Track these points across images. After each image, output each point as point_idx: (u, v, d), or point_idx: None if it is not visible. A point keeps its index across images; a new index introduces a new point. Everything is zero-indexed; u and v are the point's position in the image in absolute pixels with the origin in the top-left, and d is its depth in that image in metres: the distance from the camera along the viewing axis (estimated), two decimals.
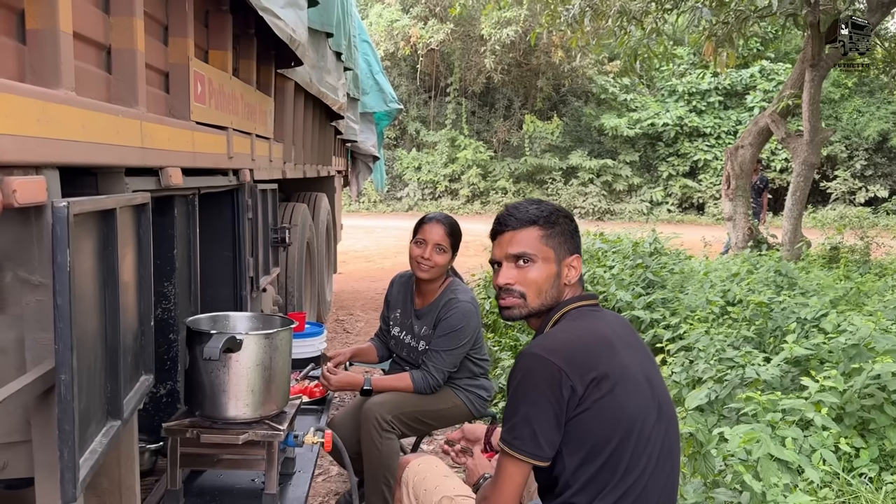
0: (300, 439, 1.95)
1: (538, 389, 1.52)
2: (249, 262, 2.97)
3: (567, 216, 1.75)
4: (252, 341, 1.86)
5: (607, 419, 1.52)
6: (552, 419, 1.52)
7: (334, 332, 6.30)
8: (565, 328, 1.65)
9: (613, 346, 1.61)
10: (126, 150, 1.59)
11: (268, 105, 3.32)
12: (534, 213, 1.71)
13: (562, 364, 1.52)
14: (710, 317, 4.46)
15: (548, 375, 1.51)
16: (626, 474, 1.53)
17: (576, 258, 1.71)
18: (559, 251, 1.69)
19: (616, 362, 1.57)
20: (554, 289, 1.68)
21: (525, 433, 1.53)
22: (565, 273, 1.69)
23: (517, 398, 1.56)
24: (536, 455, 1.53)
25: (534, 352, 1.56)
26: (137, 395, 1.59)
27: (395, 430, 2.69)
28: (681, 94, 22.47)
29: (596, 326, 1.65)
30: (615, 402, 1.53)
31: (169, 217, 2.20)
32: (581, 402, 1.52)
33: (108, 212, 1.37)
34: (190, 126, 2.12)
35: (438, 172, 22.27)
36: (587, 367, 1.53)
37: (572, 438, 1.54)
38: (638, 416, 1.55)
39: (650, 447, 1.56)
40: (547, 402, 1.51)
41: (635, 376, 1.59)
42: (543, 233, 1.69)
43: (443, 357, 2.76)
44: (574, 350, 1.55)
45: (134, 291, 1.62)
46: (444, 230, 2.79)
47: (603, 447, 1.52)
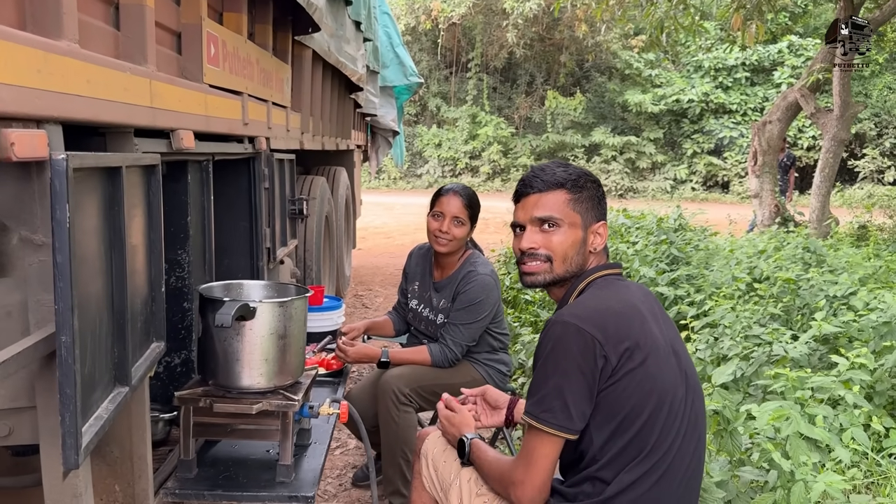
0: (315, 410, 1.91)
1: (571, 359, 1.45)
2: (266, 233, 2.93)
3: (594, 181, 1.67)
4: (266, 309, 1.81)
5: (639, 391, 1.46)
6: (585, 390, 1.45)
7: (353, 308, 6.28)
8: (595, 296, 1.58)
9: (643, 315, 1.54)
10: (134, 108, 1.54)
11: (285, 72, 3.25)
12: (561, 176, 1.64)
13: (595, 333, 1.45)
14: (735, 293, 4.36)
15: (581, 344, 1.45)
16: (655, 448, 1.46)
17: (602, 225, 1.64)
18: (586, 217, 1.62)
19: (646, 332, 1.51)
20: (579, 255, 1.62)
21: (556, 405, 1.46)
22: (591, 240, 1.63)
23: (547, 368, 1.49)
24: (567, 428, 1.46)
25: (565, 320, 1.48)
26: (147, 362, 1.55)
27: (413, 404, 2.64)
28: (707, 69, 22.05)
29: (625, 295, 1.58)
30: (647, 373, 1.46)
31: (182, 183, 2.15)
32: (614, 373, 1.45)
33: (113, 170, 1.32)
34: (203, 88, 2.06)
35: (459, 149, 22.12)
36: (620, 337, 1.46)
37: (602, 411, 1.47)
38: (668, 388, 1.49)
39: (678, 420, 1.49)
40: (580, 373, 1.45)
41: (664, 347, 1.52)
42: (571, 196, 1.62)
43: (461, 331, 2.70)
44: (607, 318, 1.49)
45: (143, 256, 1.57)
46: (462, 202, 2.71)
47: (634, 420, 1.46)
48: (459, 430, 1.79)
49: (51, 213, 1.03)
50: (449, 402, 1.89)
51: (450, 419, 1.83)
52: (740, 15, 8.57)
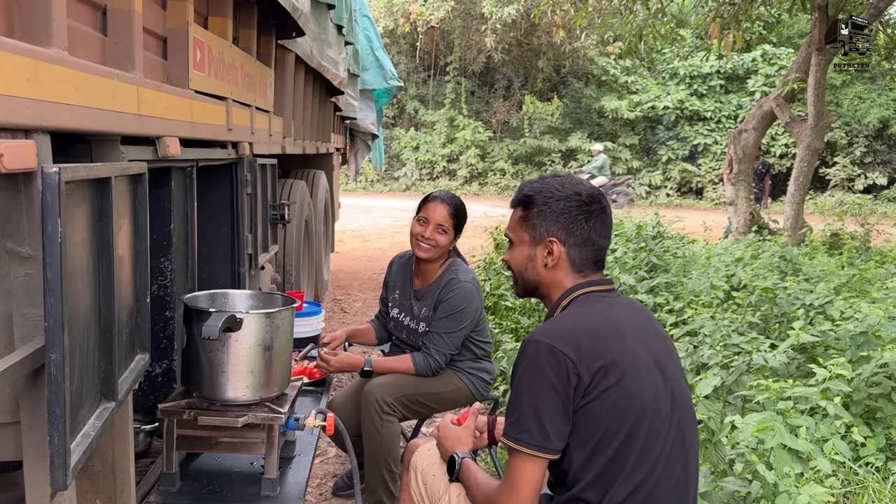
0: (301, 422, 1.89)
1: (544, 378, 1.45)
2: (248, 239, 2.89)
3: (561, 197, 1.62)
4: (253, 320, 1.78)
5: (616, 409, 1.45)
6: (560, 409, 1.45)
7: (331, 312, 6.23)
8: (572, 314, 1.59)
9: (622, 331, 1.53)
10: (122, 116, 1.51)
11: (268, 77, 3.22)
12: (523, 192, 1.69)
13: (568, 351, 1.45)
14: (714, 301, 4.41)
15: (553, 363, 1.45)
16: (637, 467, 1.45)
17: (551, 242, 1.61)
18: (535, 233, 1.64)
19: (625, 349, 1.50)
20: (532, 272, 1.65)
21: (532, 425, 1.45)
22: (541, 256, 1.63)
23: (521, 388, 1.48)
24: (546, 448, 1.45)
25: (537, 339, 1.49)
26: (133, 375, 1.52)
27: (396, 413, 2.63)
28: (682, 76, 22.28)
29: (604, 312, 1.58)
30: (624, 392, 1.46)
31: (166, 190, 2.12)
32: (588, 392, 1.45)
33: (102, 181, 1.29)
34: (188, 95, 2.03)
35: (437, 152, 22.10)
36: (594, 355, 1.46)
37: (580, 430, 1.46)
38: (648, 406, 1.47)
39: (662, 438, 1.48)
40: (554, 392, 1.44)
41: (645, 363, 1.51)
42: (523, 214, 1.67)
43: (444, 339, 2.69)
44: (580, 337, 1.48)
45: (129, 266, 1.54)
46: (448, 210, 2.71)
47: (611, 439, 1.45)
48: (454, 445, 1.78)
49: (41, 227, 1.00)
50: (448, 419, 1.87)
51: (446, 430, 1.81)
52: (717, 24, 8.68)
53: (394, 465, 2.63)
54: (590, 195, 1.64)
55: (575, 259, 1.62)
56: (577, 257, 1.62)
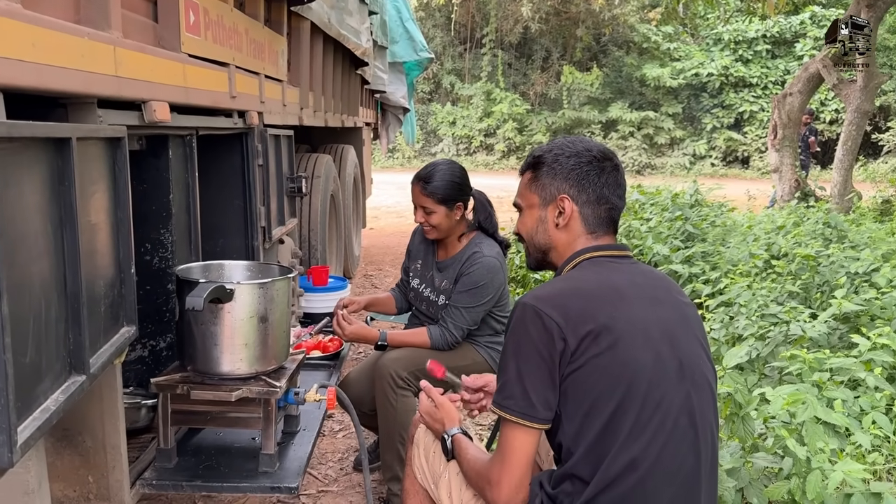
0: (301, 397, 1.82)
1: (529, 343, 1.37)
2: (261, 212, 2.83)
3: (572, 153, 1.53)
4: (245, 291, 1.71)
5: (606, 376, 1.34)
6: (545, 375, 1.36)
7: (362, 287, 6.19)
8: (568, 277, 1.49)
9: (623, 297, 1.42)
10: (94, 77, 1.43)
11: (279, 44, 3.13)
12: (532, 155, 1.60)
13: (554, 314, 1.36)
14: (752, 271, 4.21)
15: (538, 327, 1.36)
16: (631, 440, 1.33)
17: (563, 199, 1.51)
18: (545, 193, 1.54)
19: (623, 314, 1.38)
20: (543, 235, 1.56)
21: (516, 391, 1.37)
22: (552, 216, 1.53)
23: (508, 353, 1.41)
24: (530, 416, 1.36)
25: (525, 302, 1.40)
26: (113, 348, 1.46)
27: (411, 388, 2.55)
28: (726, 42, 21.58)
29: (607, 276, 1.46)
30: (616, 359, 1.34)
31: (163, 159, 2.06)
32: (575, 358, 1.35)
33: (60, 142, 1.21)
34: (180, 58, 1.94)
35: (473, 127, 21.89)
36: (583, 319, 1.36)
37: (569, 399, 1.37)
38: (645, 375, 1.35)
39: (662, 411, 1.35)
40: (539, 357, 1.36)
41: (646, 331, 1.39)
42: (531, 176, 1.58)
43: (462, 314, 2.59)
44: (570, 300, 1.39)
45: (107, 236, 1.48)
46: (421, 191, 2.59)
47: (602, 408, 1.34)
48: (441, 425, 1.69)
49: None
50: (429, 391, 1.78)
51: (431, 414, 1.74)
52: None
53: (407, 437, 2.55)
54: (601, 151, 1.54)
55: (588, 217, 1.52)
56: (591, 215, 1.52)
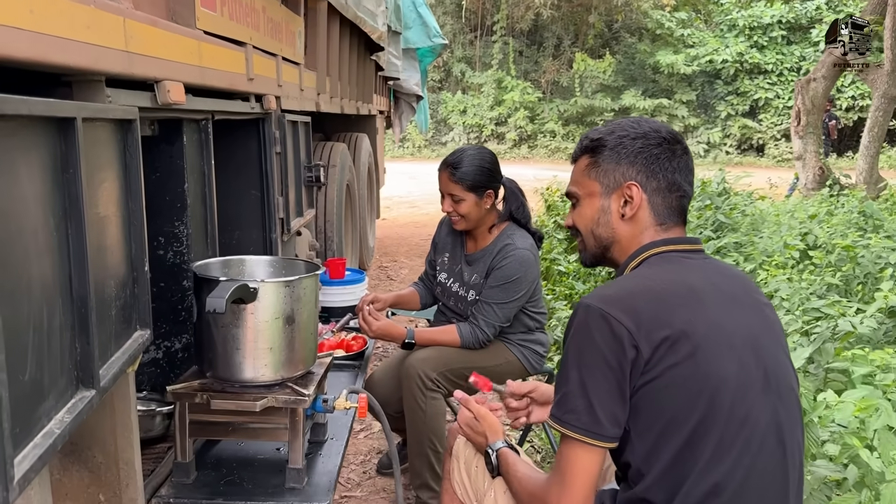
0: (330, 404, 1.66)
1: (594, 350, 1.19)
2: (279, 202, 2.67)
3: (638, 135, 1.35)
4: (270, 290, 1.55)
5: (685, 390, 1.17)
6: (613, 388, 1.19)
7: (377, 280, 6.04)
8: (637, 275, 1.31)
9: (700, 298, 1.24)
10: (102, 51, 1.27)
11: (296, 25, 2.96)
12: (589, 139, 1.41)
13: (623, 318, 1.18)
14: (788, 262, 4.02)
15: (605, 332, 1.18)
16: (714, 463, 1.16)
17: (630, 186, 1.34)
18: (607, 179, 1.36)
19: (701, 319, 1.21)
20: (605, 227, 1.38)
21: (580, 405, 1.20)
22: (617, 206, 1.35)
23: (569, 361, 1.23)
24: (596, 433, 1.19)
25: (589, 303, 1.22)
26: (126, 356, 1.31)
27: (441, 389, 2.39)
28: (741, 28, 21.23)
29: (680, 274, 1.28)
30: (696, 369, 1.17)
31: (177, 145, 1.89)
32: (649, 368, 1.18)
33: (63, 123, 1.05)
34: (195, 35, 1.78)
35: (484, 115, 21.65)
36: (657, 324, 1.18)
37: (641, 414, 1.19)
38: (729, 388, 1.18)
39: (748, 429, 1.18)
40: (606, 367, 1.18)
41: (729, 338, 1.22)
42: (590, 162, 1.39)
43: (494, 310, 2.42)
44: (641, 302, 1.21)
45: (118, 229, 1.32)
46: (449, 178, 2.42)
47: (680, 426, 1.17)
48: (484, 438, 1.53)
49: None
50: (466, 402, 1.61)
51: (472, 426, 1.57)
52: None
53: (439, 444, 2.40)
54: (670, 133, 1.36)
55: (658, 207, 1.34)
56: (661, 205, 1.34)
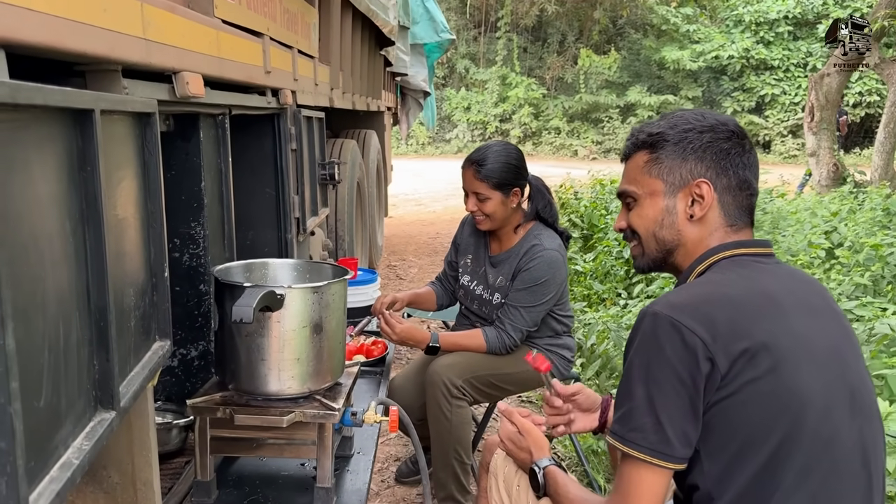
0: (359, 418, 1.55)
1: (664, 363, 1.08)
2: (295, 201, 2.56)
3: (705, 128, 1.24)
4: (297, 297, 1.44)
5: (766, 408, 1.06)
6: (685, 405, 1.08)
7: (386, 279, 5.93)
8: (709, 281, 1.19)
9: (780, 306, 1.13)
10: (119, 38, 1.16)
11: (311, 16, 2.85)
12: (647, 133, 1.28)
13: (697, 328, 1.07)
14: (814, 261, 3.91)
15: (677, 343, 1.07)
16: (795, 488, 1.06)
17: (700, 184, 1.22)
18: (673, 176, 1.24)
19: (782, 329, 1.10)
20: (669, 230, 1.25)
21: (647, 423, 1.09)
22: (684, 206, 1.24)
23: (633, 374, 1.12)
24: (665, 454, 1.09)
25: (657, 311, 1.11)
26: (146, 370, 1.20)
27: (467, 397, 2.28)
28: (747, 24, 21.08)
29: (755, 280, 1.17)
30: (779, 385, 1.06)
31: (194, 142, 1.78)
32: (726, 383, 1.07)
33: (81, 115, 0.94)
34: (214, 24, 1.67)
35: (489, 112, 21.53)
36: (736, 334, 1.07)
37: (714, 433, 1.09)
38: (814, 406, 1.07)
39: (834, 452, 1.08)
40: (678, 381, 1.07)
41: (812, 350, 1.11)
42: (650, 158, 1.26)
43: (521, 314, 2.31)
44: (717, 309, 1.10)
45: (137, 233, 1.21)
46: (474, 174, 2.30)
47: (759, 448, 1.07)
48: (529, 454, 1.42)
49: None
50: (510, 414, 1.50)
51: (515, 441, 1.46)
52: None
53: (465, 455, 2.29)
54: (738, 126, 1.25)
55: (728, 206, 1.23)
56: (732, 204, 1.23)
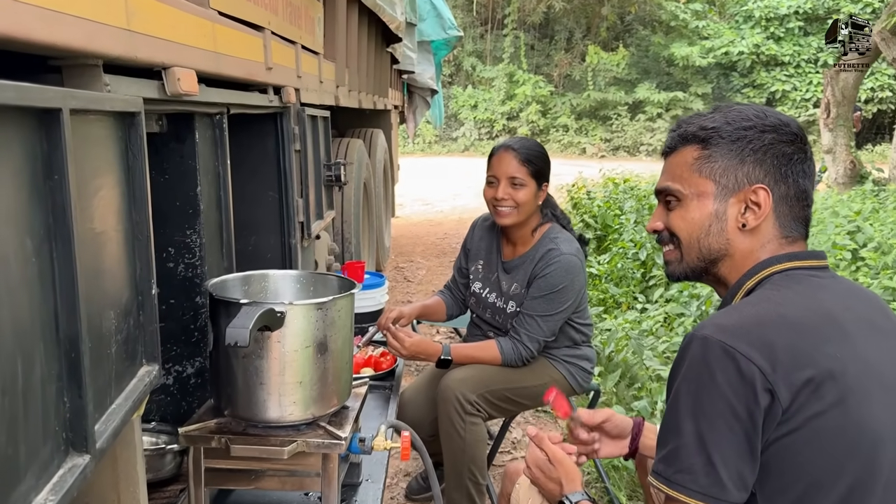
0: (368, 444, 1.42)
1: (716, 395, 0.95)
2: (298, 204, 2.44)
3: (767, 127, 1.10)
4: (299, 314, 1.31)
5: (834, 446, 0.94)
6: (741, 443, 0.95)
7: (394, 281, 5.80)
8: (763, 299, 1.05)
9: (843, 328, 1.00)
10: (99, 29, 1.03)
11: (316, 11, 2.72)
12: (698, 126, 1.13)
13: (754, 355, 0.94)
14: (840, 263, 3.76)
15: (731, 373, 0.94)
16: None
17: (756, 190, 1.09)
18: (727, 178, 1.10)
19: (849, 354, 0.97)
20: (716, 237, 1.12)
21: (696, 463, 0.96)
22: (735, 213, 1.10)
23: (680, 407, 0.99)
24: (717, 499, 0.96)
25: (707, 335, 0.98)
26: (130, 401, 1.07)
27: (481, 413, 2.15)
28: (757, 19, 20.88)
29: (813, 298, 1.04)
30: (847, 419, 0.94)
31: (189, 143, 1.65)
32: (788, 418, 0.94)
33: (46, 116, 0.81)
34: (209, 16, 1.54)
35: (496, 110, 21.39)
36: (798, 362, 0.94)
37: (773, 475, 0.96)
38: (887, 444, 0.95)
39: None
40: (732, 415, 0.94)
41: (882, 378, 0.98)
42: (701, 154, 1.12)
43: (538, 323, 2.18)
44: (775, 333, 0.96)
45: (118, 247, 1.08)
46: (517, 158, 2.16)
47: (827, 491, 0.94)
48: (559, 486, 1.29)
49: None
50: (541, 441, 1.37)
51: (546, 471, 1.32)
52: None
53: (480, 475, 2.16)
54: (800, 129, 1.12)
55: (784, 217, 1.10)
56: (788, 215, 1.10)
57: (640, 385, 2.95)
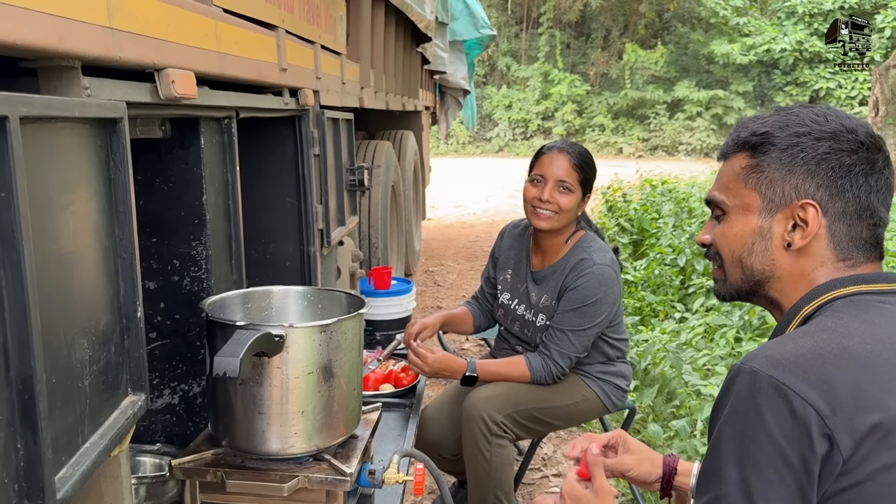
0: (378, 477, 1.30)
1: (765, 438, 0.82)
2: (317, 211, 2.34)
3: (825, 134, 0.96)
4: (300, 338, 1.20)
5: None
6: (793, 495, 0.82)
7: (423, 286, 5.69)
8: (821, 328, 0.91)
9: None
10: (73, 27, 0.93)
11: (337, 9, 2.62)
12: (751, 130, 1.00)
13: (809, 393, 0.81)
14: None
15: (783, 414, 0.82)
16: None
17: (805, 206, 0.95)
18: (773, 190, 0.97)
19: None
20: (758, 256, 1.00)
21: None
22: (781, 231, 0.97)
23: (724, 450, 0.86)
24: None
25: (755, 368, 0.85)
26: (107, 438, 0.97)
27: (508, 434, 2.02)
28: (800, 15, 20.35)
29: (883, 327, 0.90)
30: None
31: (193, 149, 1.56)
32: (849, 469, 0.81)
33: None
34: (211, 13, 1.44)
35: (530, 110, 21.21)
36: (862, 403, 0.81)
37: None
38: None
39: None
40: (782, 462, 0.81)
41: None
42: (749, 163, 1.00)
43: (569, 338, 2.04)
44: (834, 368, 0.83)
45: (97, 266, 0.98)
46: (571, 162, 2.05)
47: None
48: None
49: None
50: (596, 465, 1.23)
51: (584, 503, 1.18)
52: None
53: (506, 500, 2.04)
54: (870, 136, 0.96)
55: (840, 237, 0.96)
56: (844, 235, 0.96)
57: (680, 402, 2.79)
